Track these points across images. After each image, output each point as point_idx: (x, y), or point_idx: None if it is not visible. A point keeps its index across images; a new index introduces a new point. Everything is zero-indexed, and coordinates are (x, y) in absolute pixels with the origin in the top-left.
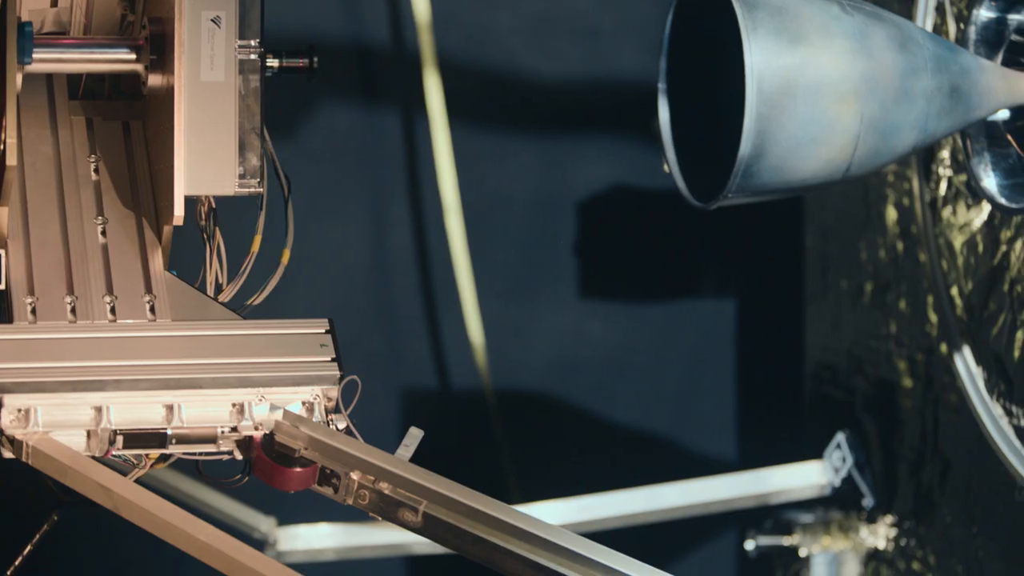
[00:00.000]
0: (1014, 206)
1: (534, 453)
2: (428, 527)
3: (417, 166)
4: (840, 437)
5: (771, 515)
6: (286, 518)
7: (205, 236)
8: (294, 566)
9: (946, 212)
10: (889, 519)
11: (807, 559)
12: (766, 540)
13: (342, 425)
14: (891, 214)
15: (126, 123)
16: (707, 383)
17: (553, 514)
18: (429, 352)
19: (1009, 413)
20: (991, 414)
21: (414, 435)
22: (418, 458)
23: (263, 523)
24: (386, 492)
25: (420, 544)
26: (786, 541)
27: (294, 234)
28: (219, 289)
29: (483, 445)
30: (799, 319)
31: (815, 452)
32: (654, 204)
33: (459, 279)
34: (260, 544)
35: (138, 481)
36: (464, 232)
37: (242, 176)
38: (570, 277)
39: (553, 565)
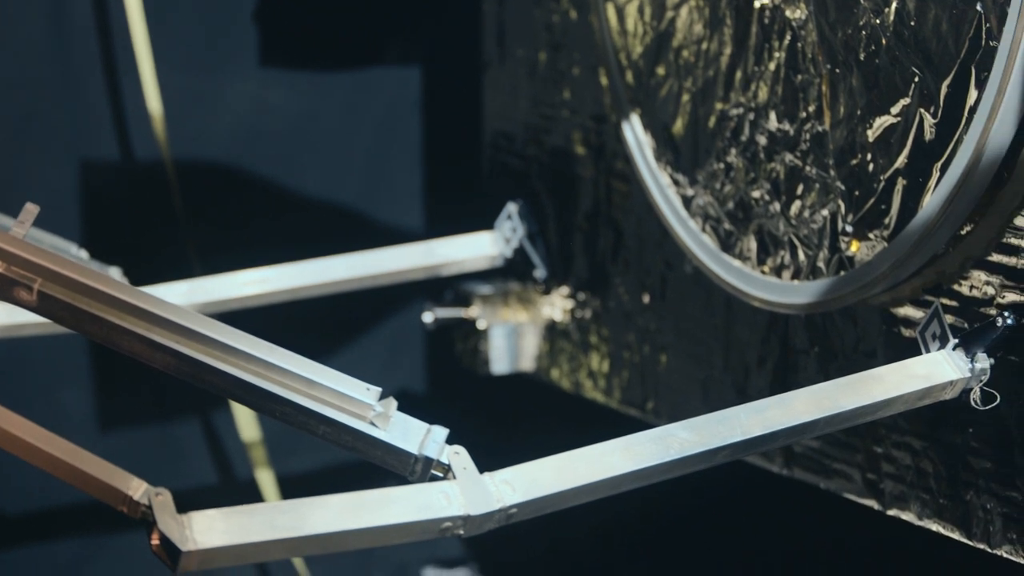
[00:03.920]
0: None
1: (216, 226)
2: (44, 306)
3: None
4: (511, 207)
5: (452, 287)
6: None
7: None
8: None
9: None
10: (565, 290)
11: (486, 331)
12: (444, 312)
13: None
14: None
15: None
16: (394, 153)
17: (232, 286)
18: (109, 123)
19: (676, 183)
20: (659, 183)
21: (29, 211)
22: (97, 234)
23: None
24: None
25: None
26: (464, 313)
27: None
28: None
29: (164, 218)
30: (480, 87)
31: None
32: None
33: (136, 47)
34: None
35: None
36: None
37: None
38: (251, 45)
39: (170, 343)
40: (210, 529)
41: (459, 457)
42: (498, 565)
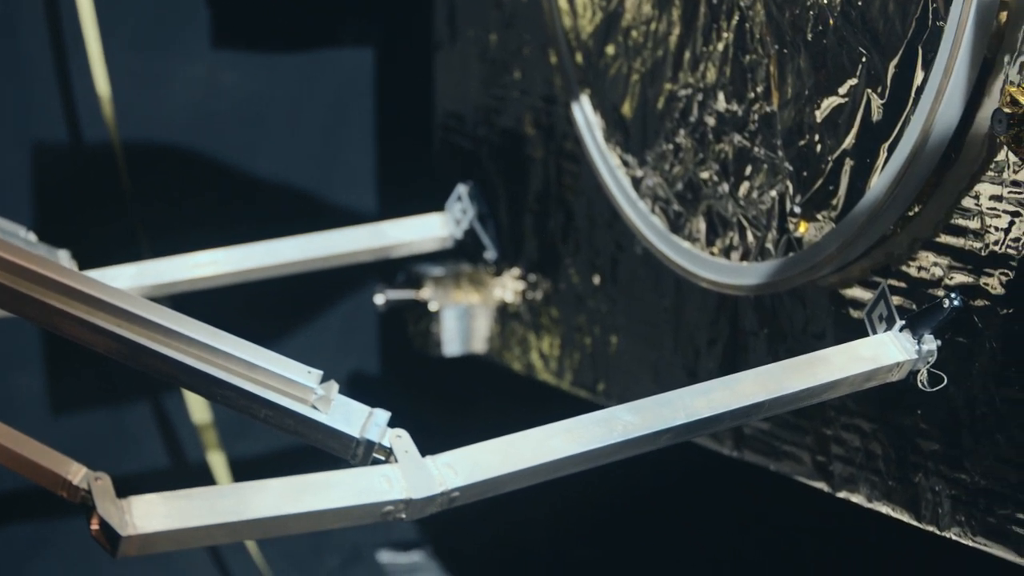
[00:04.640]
0: None
1: (167, 208)
2: None
3: None
4: (461, 189)
5: (404, 268)
6: None
7: None
8: None
9: None
10: (516, 272)
11: (437, 313)
12: (395, 294)
13: None
14: None
15: None
16: (346, 134)
17: (182, 268)
18: (57, 105)
19: (626, 164)
20: (608, 164)
21: None
22: (46, 217)
23: None
24: None
25: None
26: (416, 295)
27: None
28: None
29: (113, 201)
30: (432, 68)
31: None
32: None
33: (83, 26)
34: None
35: None
36: None
37: None
38: (202, 25)
39: (110, 327)
40: (150, 514)
41: (401, 440)
42: (452, 549)
